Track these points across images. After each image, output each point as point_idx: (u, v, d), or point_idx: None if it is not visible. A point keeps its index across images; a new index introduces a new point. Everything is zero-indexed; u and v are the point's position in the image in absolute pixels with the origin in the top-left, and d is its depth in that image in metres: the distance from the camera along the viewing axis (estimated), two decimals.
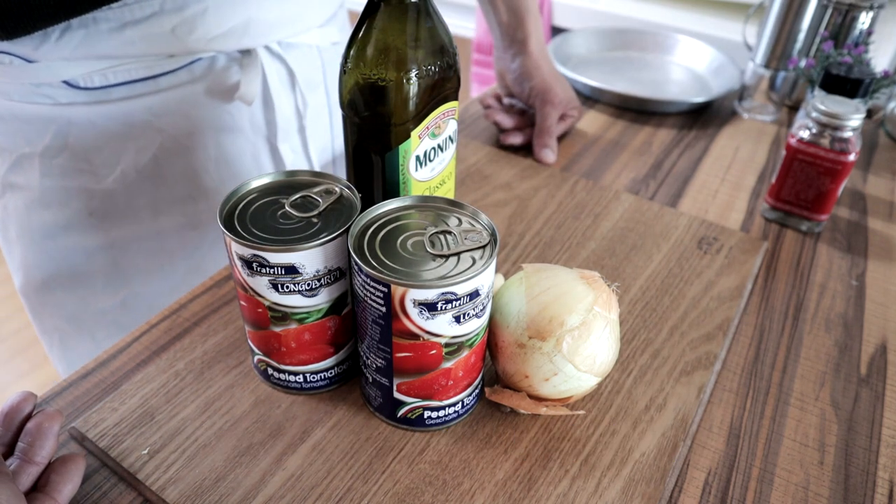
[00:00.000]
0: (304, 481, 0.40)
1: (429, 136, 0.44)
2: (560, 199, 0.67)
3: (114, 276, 0.65)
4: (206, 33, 0.57)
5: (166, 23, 0.55)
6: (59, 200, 0.61)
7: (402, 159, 0.43)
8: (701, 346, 0.50)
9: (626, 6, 1.52)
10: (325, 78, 0.71)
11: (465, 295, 0.36)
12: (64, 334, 0.68)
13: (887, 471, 0.44)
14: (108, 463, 0.41)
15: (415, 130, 0.43)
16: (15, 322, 1.77)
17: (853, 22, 0.81)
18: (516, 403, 0.42)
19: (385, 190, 0.45)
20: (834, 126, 0.60)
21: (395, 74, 0.40)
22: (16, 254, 0.65)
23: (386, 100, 0.41)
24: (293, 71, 0.66)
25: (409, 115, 0.42)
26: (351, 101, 0.43)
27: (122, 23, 0.54)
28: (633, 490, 0.40)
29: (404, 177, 0.44)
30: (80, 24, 0.53)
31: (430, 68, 0.41)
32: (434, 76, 0.42)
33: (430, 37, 0.41)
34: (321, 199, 0.41)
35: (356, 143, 0.45)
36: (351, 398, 0.45)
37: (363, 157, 0.45)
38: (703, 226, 0.64)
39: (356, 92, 0.42)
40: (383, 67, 0.40)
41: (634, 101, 0.86)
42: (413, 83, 0.41)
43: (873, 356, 0.52)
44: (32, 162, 0.59)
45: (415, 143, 0.43)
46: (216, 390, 0.45)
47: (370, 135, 0.43)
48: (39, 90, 0.56)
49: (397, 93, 0.41)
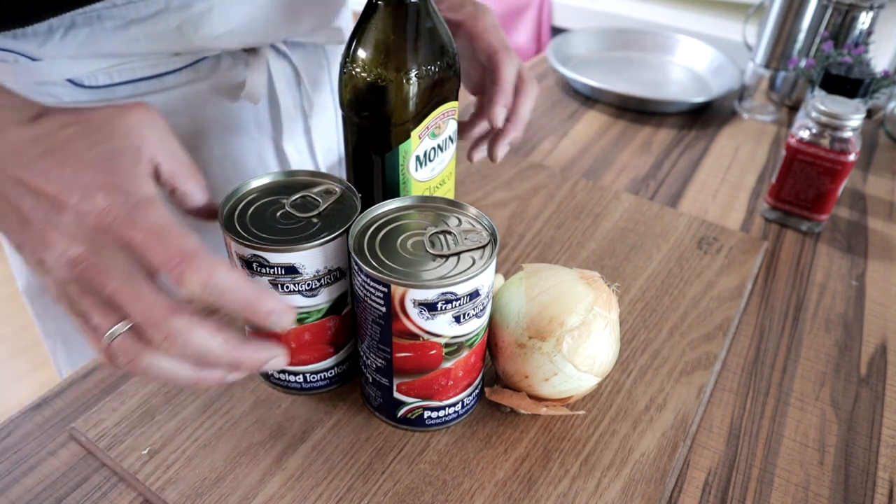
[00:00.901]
0: (304, 481, 0.40)
1: (429, 137, 0.44)
2: (560, 199, 0.67)
3: None
4: (211, 31, 0.57)
5: (172, 20, 0.55)
6: None
7: (402, 159, 0.44)
8: (701, 347, 0.50)
9: (626, 6, 1.52)
10: (331, 78, 0.71)
11: (465, 295, 0.36)
12: (67, 337, 0.68)
13: (887, 471, 0.44)
14: (108, 463, 0.41)
15: (415, 130, 0.43)
16: (15, 322, 1.77)
17: (853, 22, 0.81)
18: (516, 403, 0.42)
19: (385, 190, 0.45)
20: (834, 126, 0.60)
21: (395, 75, 0.40)
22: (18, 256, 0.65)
23: (386, 100, 0.41)
24: (299, 70, 0.66)
25: (409, 116, 0.42)
26: (350, 101, 0.43)
27: (126, 20, 0.54)
28: (633, 490, 0.40)
29: (404, 177, 0.44)
30: (85, 21, 0.53)
31: (430, 68, 0.41)
32: (434, 76, 0.42)
33: (430, 37, 0.41)
34: (321, 199, 0.41)
35: (356, 143, 0.45)
36: (351, 398, 0.45)
37: (363, 157, 0.45)
38: (703, 226, 0.64)
39: (356, 92, 0.42)
40: (383, 68, 0.40)
41: (634, 101, 0.86)
42: (413, 83, 0.41)
43: (873, 356, 0.52)
44: None
45: (415, 143, 0.43)
46: (216, 390, 0.45)
47: (370, 135, 0.43)
48: (43, 89, 0.55)
49: (397, 93, 0.41)
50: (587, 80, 0.86)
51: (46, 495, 0.39)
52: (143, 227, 0.30)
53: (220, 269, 0.30)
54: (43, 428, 0.43)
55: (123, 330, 0.31)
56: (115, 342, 0.31)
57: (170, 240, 0.30)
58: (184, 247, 0.30)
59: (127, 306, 0.30)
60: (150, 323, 0.30)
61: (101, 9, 0.52)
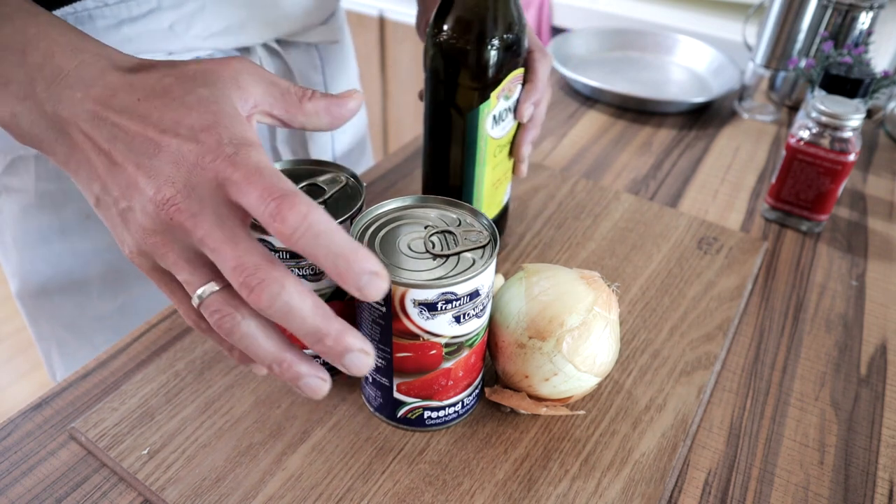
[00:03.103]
0: (304, 481, 0.40)
1: (503, 98, 0.49)
2: (560, 199, 0.67)
3: (111, 281, 0.64)
4: (203, 30, 0.57)
5: (164, 19, 0.55)
6: (55, 203, 0.60)
7: (482, 118, 0.48)
8: (701, 347, 0.50)
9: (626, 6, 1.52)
10: (325, 77, 0.71)
11: (466, 295, 0.36)
12: (61, 341, 0.68)
13: (887, 471, 0.44)
14: (108, 463, 0.41)
15: (494, 92, 0.48)
16: (15, 322, 1.77)
17: (853, 22, 0.81)
18: (516, 403, 0.42)
19: (465, 145, 0.49)
20: (834, 126, 0.60)
21: (483, 43, 0.46)
22: (12, 259, 0.65)
23: (473, 65, 0.46)
24: (292, 70, 0.65)
25: (491, 79, 0.47)
26: (439, 66, 0.47)
27: (118, 20, 0.53)
28: (633, 490, 0.40)
29: (482, 133, 0.49)
30: (76, 21, 0.52)
31: (509, 37, 0.47)
32: (512, 44, 0.47)
33: (507, 8, 0.46)
34: (327, 187, 0.42)
35: (439, 104, 0.49)
36: (351, 398, 0.45)
37: (443, 117, 0.49)
38: (703, 226, 0.64)
39: (445, 58, 0.47)
40: (473, 36, 0.45)
41: (634, 101, 0.86)
42: (498, 49, 0.46)
43: (873, 356, 0.52)
44: (28, 164, 0.58)
45: (493, 103, 0.48)
46: (216, 390, 0.45)
47: (455, 96, 0.48)
48: None
49: (484, 58, 0.46)
50: (587, 80, 0.86)
51: (46, 495, 0.39)
52: (244, 166, 0.29)
53: (319, 210, 0.28)
54: (43, 428, 0.43)
55: (216, 289, 0.29)
56: (207, 300, 0.29)
57: (270, 178, 0.28)
58: (283, 185, 0.28)
59: (220, 252, 0.28)
60: (243, 269, 0.28)
61: (92, 8, 0.52)
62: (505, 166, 0.55)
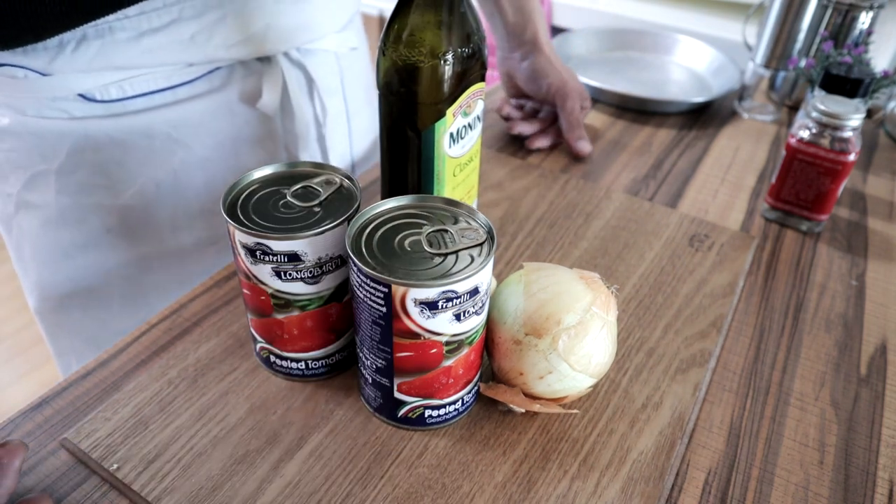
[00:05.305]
0: (303, 488, 0.39)
1: (461, 115, 0.47)
2: (551, 198, 0.66)
3: (132, 296, 0.64)
4: (225, 40, 0.56)
5: (185, 30, 0.54)
6: (76, 218, 0.59)
7: (437, 136, 0.46)
8: (695, 344, 0.50)
9: (626, 6, 1.52)
10: (343, 84, 0.70)
11: (466, 292, 0.36)
12: (81, 356, 0.67)
13: (887, 471, 0.44)
14: (102, 474, 0.40)
15: (449, 109, 0.45)
16: (15, 322, 1.77)
17: (853, 22, 0.81)
18: (510, 399, 0.42)
19: (420, 167, 0.47)
20: (834, 126, 0.60)
21: (435, 57, 0.43)
22: (31, 274, 0.64)
23: (425, 81, 0.44)
24: (312, 78, 0.65)
25: (445, 95, 0.45)
26: (390, 82, 0.45)
27: (139, 32, 0.53)
28: (632, 489, 0.40)
29: (438, 153, 0.47)
30: (97, 34, 0.52)
31: (464, 51, 0.44)
32: (467, 59, 0.45)
33: (464, 22, 0.44)
34: (322, 189, 0.42)
35: (393, 122, 0.47)
36: (348, 402, 0.45)
37: (399, 135, 0.47)
38: (695, 223, 0.64)
39: (396, 74, 0.44)
40: (424, 51, 0.43)
41: (634, 101, 0.86)
42: (450, 65, 0.44)
43: (873, 356, 0.52)
44: (48, 179, 0.58)
45: (449, 120, 0.46)
46: (210, 398, 0.44)
47: (408, 114, 0.46)
48: (54, 104, 0.54)
49: (435, 74, 0.44)
50: (587, 80, 0.86)
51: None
52: None
53: None
54: (43, 428, 0.43)
55: None
56: None
57: None
58: None
59: None
60: None
61: (113, 21, 0.52)
62: (468, 184, 0.53)
